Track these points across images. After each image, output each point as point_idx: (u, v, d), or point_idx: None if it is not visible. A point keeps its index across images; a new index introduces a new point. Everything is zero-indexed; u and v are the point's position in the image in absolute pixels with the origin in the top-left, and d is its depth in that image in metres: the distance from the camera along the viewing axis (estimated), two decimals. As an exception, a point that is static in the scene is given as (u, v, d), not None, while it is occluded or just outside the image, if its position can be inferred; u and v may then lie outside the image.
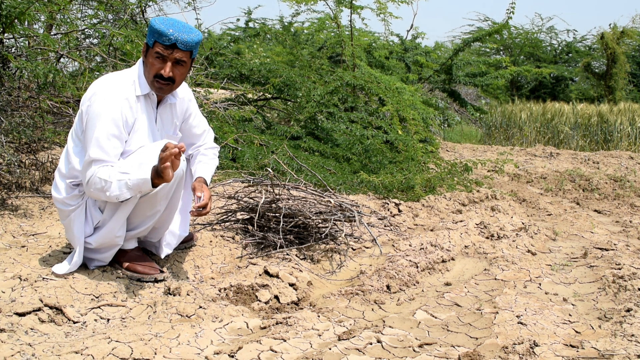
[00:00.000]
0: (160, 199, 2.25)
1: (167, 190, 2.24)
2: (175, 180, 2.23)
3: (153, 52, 2.21)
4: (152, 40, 2.20)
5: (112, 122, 2.16)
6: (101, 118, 2.14)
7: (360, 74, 5.64)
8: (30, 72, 3.43)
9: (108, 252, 2.35)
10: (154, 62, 2.21)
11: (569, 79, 16.99)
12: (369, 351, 1.87)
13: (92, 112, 2.16)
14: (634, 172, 6.48)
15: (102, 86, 2.22)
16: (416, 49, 10.08)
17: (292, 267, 2.66)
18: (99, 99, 2.17)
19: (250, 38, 11.37)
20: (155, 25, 2.18)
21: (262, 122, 5.74)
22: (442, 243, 3.19)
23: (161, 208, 2.29)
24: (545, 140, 10.36)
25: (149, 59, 2.23)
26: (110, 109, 2.16)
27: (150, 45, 2.22)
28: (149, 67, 2.23)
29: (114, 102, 2.17)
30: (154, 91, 2.28)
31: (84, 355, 1.71)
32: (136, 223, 2.32)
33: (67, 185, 2.28)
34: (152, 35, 2.19)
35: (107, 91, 2.19)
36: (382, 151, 4.94)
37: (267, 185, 3.00)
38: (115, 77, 2.28)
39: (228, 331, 2.01)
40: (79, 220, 2.28)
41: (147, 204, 2.25)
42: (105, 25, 4.77)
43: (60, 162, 2.32)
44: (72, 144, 2.28)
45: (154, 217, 2.30)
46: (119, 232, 2.27)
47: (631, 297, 2.39)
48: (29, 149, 3.86)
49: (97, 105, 2.16)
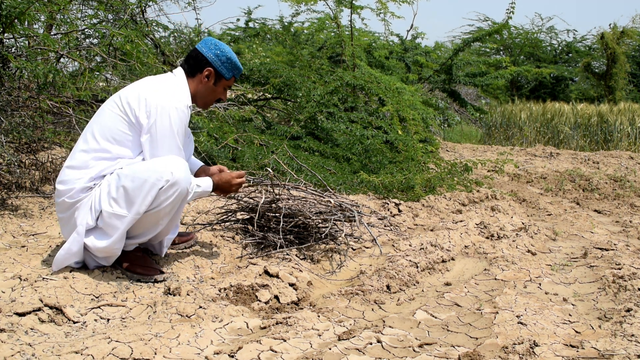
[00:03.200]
0: (164, 216, 2.26)
1: (169, 210, 2.25)
2: (180, 198, 2.24)
3: (226, 84, 2.47)
4: (230, 74, 2.45)
5: (184, 126, 2.34)
6: (177, 127, 2.28)
7: (360, 74, 5.64)
8: (30, 72, 3.43)
9: (104, 261, 2.34)
10: (222, 92, 2.49)
11: (569, 79, 17.00)
12: (369, 351, 1.87)
13: (164, 119, 2.25)
14: (634, 172, 6.48)
15: (165, 92, 2.30)
16: (416, 49, 10.08)
17: (292, 267, 2.66)
18: (170, 106, 2.26)
19: (250, 38, 11.39)
20: (237, 63, 2.45)
21: (262, 122, 5.74)
22: (442, 243, 3.19)
23: (164, 223, 2.30)
24: (545, 140, 10.37)
25: (218, 88, 2.46)
26: (183, 119, 2.31)
27: (226, 78, 2.45)
28: (214, 93, 2.47)
29: (184, 109, 2.32)
30: (203, 108, 2.53)
31: (84, 355, 1.71)
32: (137, 234, 2.31)
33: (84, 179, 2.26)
34: (232, 70, 2.45)
35: (174, 98, 2.31)
36: (382, 151, 4.95)
37: (267, 185, 3.00)
38: (169, 84, 2.38)
39: (228, 331, 2.01)
40: (85, 209, 2.25)
41: (150, 219, 2.25)
42: (105, 25, 4.77)
43: (77, 156, 2.28)
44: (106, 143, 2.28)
45: (156, 229, 2.31)
46: (117, 245, 2.26)
47: (631, 297, 2.39)
48: (29, 149, 3.86)
49: (172, 113, 2.27)
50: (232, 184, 2.50)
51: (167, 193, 2.18)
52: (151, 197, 2.16)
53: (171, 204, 2.22)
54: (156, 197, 2.17)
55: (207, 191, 2.44)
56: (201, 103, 2.48)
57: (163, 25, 5.87)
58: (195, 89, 2.42)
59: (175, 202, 2.23)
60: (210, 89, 2.44)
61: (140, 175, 2.16)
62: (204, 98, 2.46)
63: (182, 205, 2.33)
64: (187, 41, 6.67)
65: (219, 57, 2.39)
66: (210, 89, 2.44)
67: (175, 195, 2.20)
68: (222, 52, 2.39)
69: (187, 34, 7.10)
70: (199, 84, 2.42)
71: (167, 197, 2.19)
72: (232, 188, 2.52)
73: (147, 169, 2.18)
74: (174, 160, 2.21)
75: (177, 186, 2.19)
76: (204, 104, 2.49)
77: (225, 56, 2.40)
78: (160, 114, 2.24)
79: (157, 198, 2.18)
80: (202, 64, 2.40)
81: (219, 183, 2.49)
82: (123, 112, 2.27)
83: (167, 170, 2.16)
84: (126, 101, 2.27)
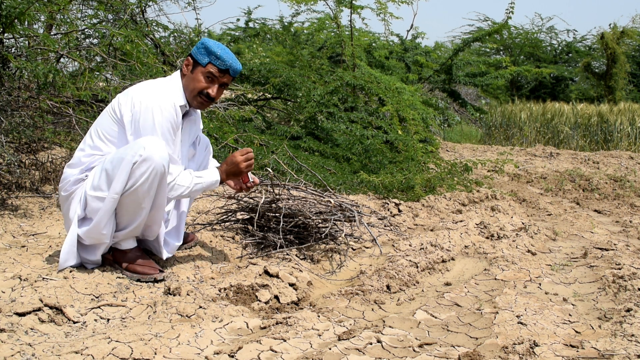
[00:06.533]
0: (143, 196, 2.24)
1: (146, 188, 2.22)
2: (157, 177, 2.22)
3: (205, 71, 2.38)
4: (205, 60, 2.37)
5: (170, 125, 2.31)
6: (160, 124, 2.27)
7: (360, 74, 5.64)
8: (30, 72, 3.43)
9: (97, 251, 2.34)
10: (201, 79, 2.38)
11: (569, 79, 17.00)
12: (369, 351, 1.87)
13: (148, 116, 2.25)
14: (634, 172, 6.49)
15: (151, 91, 2.31)
16: (416, 49, 10.08)
17: (292, 267, 2.66)
18: (154, 104, 2.26)
19: (250, 38, 11.39)
20: (213, 48, 2.36)
21: (262, 122, 5.74)
22: (442, 243, 3.19)
23: (146, 205, 2.27)
24: (545, 140, 10.37)
25: (196, 75, 2.38)
26: (167, 117, 2.29)
27: (202, 64, 2.37)
28: (194, 82, 2.39)
29: (169, 107, 2.30)
30: (193, 105, 2.45)
31: (84, 355, 1.71)
32: (125, 222, 2.32)
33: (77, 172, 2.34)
34: (207, 55, 2.36)
35: (160, 96, 2.30)
36: (382, 151, 4.94)
37: (267, 185, 3.00)
38: (159, 84, 2.39)
39: (228, 331, 2.01)
40: (76, 200, 2.32)
41: (130, 202, 2.24)
42: (105, 25, 4.77)
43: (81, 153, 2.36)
44: (101, 142, 2.33)
45: (140, 214, 2.29)
46: (104, 230, 2.26)
47: (631, 297, 2.39)
48: (29, 149, 3.86)
49: (155, 110, 2.26)
50: (238, 162, 2.43)
51: (141, 169, 2.18)
52: (126, 173, 2.18)
53: (147, 181, 2.20)
54: (131, 173, 2.18)
55: (213, 181, 2.42)
56: (188, 97, 2.42)
57: (163, 25, 5.87)
58: (183, 84, 2.43)
59: (151, 180, 2.20)
60: (190, 79, 2.40)
61: (118, 155, 2.21)
62: (187, 91, 2.41)
63: (162, 188, 2.27)
64: (187, 41, 6.67)
65: (197, 46, 2.40)
66: (189, 79, 2.40)
67: (149, 172, 2.18)
68: (202, 42, 2.39)
69: (187, 34, 7.09)
70: (183, 77, 2.43)
71: (142, 173, 2.18)
72: (240, 167, 2.43)
73: (125, 148, 2.23)
74: (149, 139, 2.21)
75: (150, 161, 2.17)
76: (191, 97, 2.41)
77: (202, 44, 2.38)
78: (143, 112, 2.26)
79: (132, 175, 2.18)
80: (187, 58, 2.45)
81: (225, 168, 2.45)
82: (113, 112, 2.34)
83: (141, 146, 2.18)
84: (117, 102, 2.34)
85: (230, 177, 2.47)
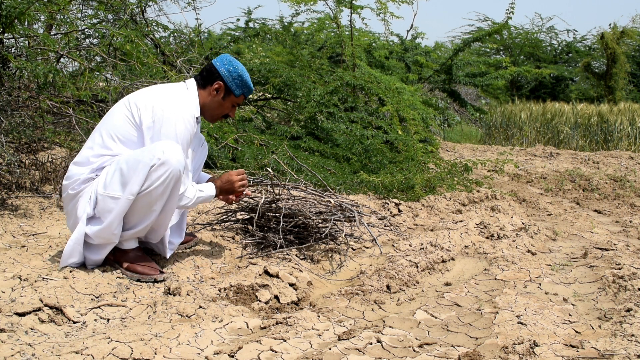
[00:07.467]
0: (156, 199, 2.26)
1: (161, 192, 2.24)
2: (172, 181, 2.24)
3: (235, 100, 2.52)
4: (239, 92, 2.50)
5: (189, 136, 2.37)
6: (182, 134, 2.32)
7: (360, 74, 5.64)
8: (30, 72, 3.43)
9: (103, 250, 2.34)
10: (228, 106, 2.53)
11: (569, 79, 17.01)
12: (369, 351, 1.87)
13: (170, 125, 2.29)
14: (634, 172, 6.49)
15: (173, 101, 2.35)
16: (416, 49, 10.08)
17: (292, 267, 2.66)
18: (177, 115, 2.31)
19: (250, 38, 11.37)
20: (248, 81, 2.50)
21: (262, 122, 5.74)
22: (442, 243, 3.19)
23: (157, 208, 2.29)
24: (545, 140, 10.37)
25: (225, 103, 2.51)
26: (188, 129, 2.35)
27: (235, 94, 2.49)
28: (222, 108, 2.51)
29: (191, 119, 2.36)
30: (207, 119, 2.56)
31: (84, 355, 1.71)
32: (133, 223, 2.32)
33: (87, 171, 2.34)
34: (242, 88, 2.50)
35: (182, 108, 2.35)
36: (382, 151, 4.94)
37: (267, 185, 3.00)
38: (179, 93, 2.42)
39: (228, 331, 2.01)
40: (85, 198, 2.31)
41: (142, 203, 2.25)
42: (105, 25, 4.77)
43: (86, 152, 2.36)
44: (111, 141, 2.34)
45: (150, 217, 2.30)
46: (116, 230, 2.28)
47: (631, 297, 2.39)
48: (29, 149, 3.85)
49: (179, 121, 2.31)
50: (234, 181, 2.56)
51: (158, 172, 2.20)
52: (143, 175, 2.19)
53: (163, 185, 2.22)
54: (148, 176, 2.20)
55: (211, 195, 2.51)
56: (208, 116, 2.54)
57: (163, 25, 5.87)
58: (204, 101, 2.49)
59: (166, 183, 2.22)
60: (218, 103, 2.50)
61: (135, 157, 2.22)
62: (211, 111, 2.51)
63: (175, 193, 2.30)
64: (187, 41, 6.67)
65: (230, 72, 2.46)
66: (217, 103, 2.49)
67: (166, 175, 2.21)
68: (234, 68, 2.46)
69: (187, 34, 7.10)
70: (208, 96, 2.48)
71: (159, 176, 2.20)
72: (234, 186, 2.56)
73: (142, 151, 2.25)
74: (168, 143, 2.25)
75: (168, 165, 2.20)
76: (211, 117, 2.55)
77: (237, 73, 2.46)
78: (166, 121, 2.29)
79: (149, 177, 2.20)
80: (213, 76, 2.47)
81: (220, 184, 2.56)
82: (131, 116, 2.33)
83: (159, 150, 2.21)
84: (135, 106, 2.34)
85: (223, 193, 2.59)
